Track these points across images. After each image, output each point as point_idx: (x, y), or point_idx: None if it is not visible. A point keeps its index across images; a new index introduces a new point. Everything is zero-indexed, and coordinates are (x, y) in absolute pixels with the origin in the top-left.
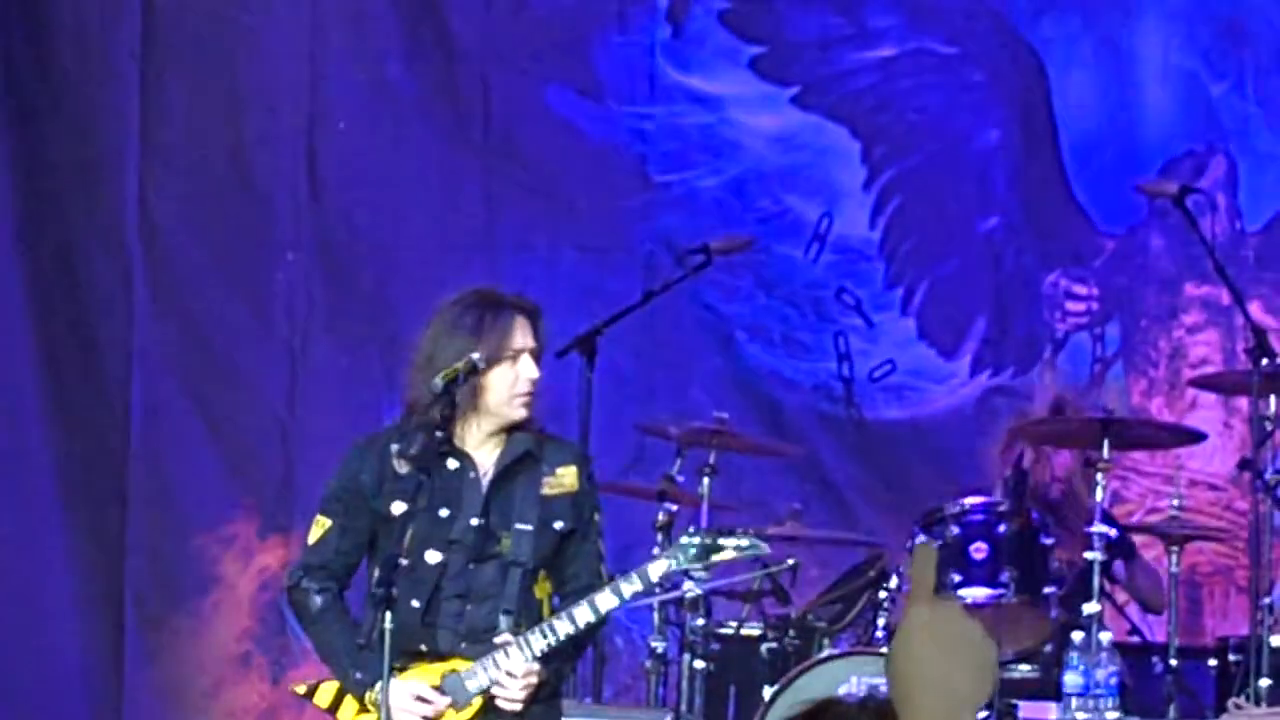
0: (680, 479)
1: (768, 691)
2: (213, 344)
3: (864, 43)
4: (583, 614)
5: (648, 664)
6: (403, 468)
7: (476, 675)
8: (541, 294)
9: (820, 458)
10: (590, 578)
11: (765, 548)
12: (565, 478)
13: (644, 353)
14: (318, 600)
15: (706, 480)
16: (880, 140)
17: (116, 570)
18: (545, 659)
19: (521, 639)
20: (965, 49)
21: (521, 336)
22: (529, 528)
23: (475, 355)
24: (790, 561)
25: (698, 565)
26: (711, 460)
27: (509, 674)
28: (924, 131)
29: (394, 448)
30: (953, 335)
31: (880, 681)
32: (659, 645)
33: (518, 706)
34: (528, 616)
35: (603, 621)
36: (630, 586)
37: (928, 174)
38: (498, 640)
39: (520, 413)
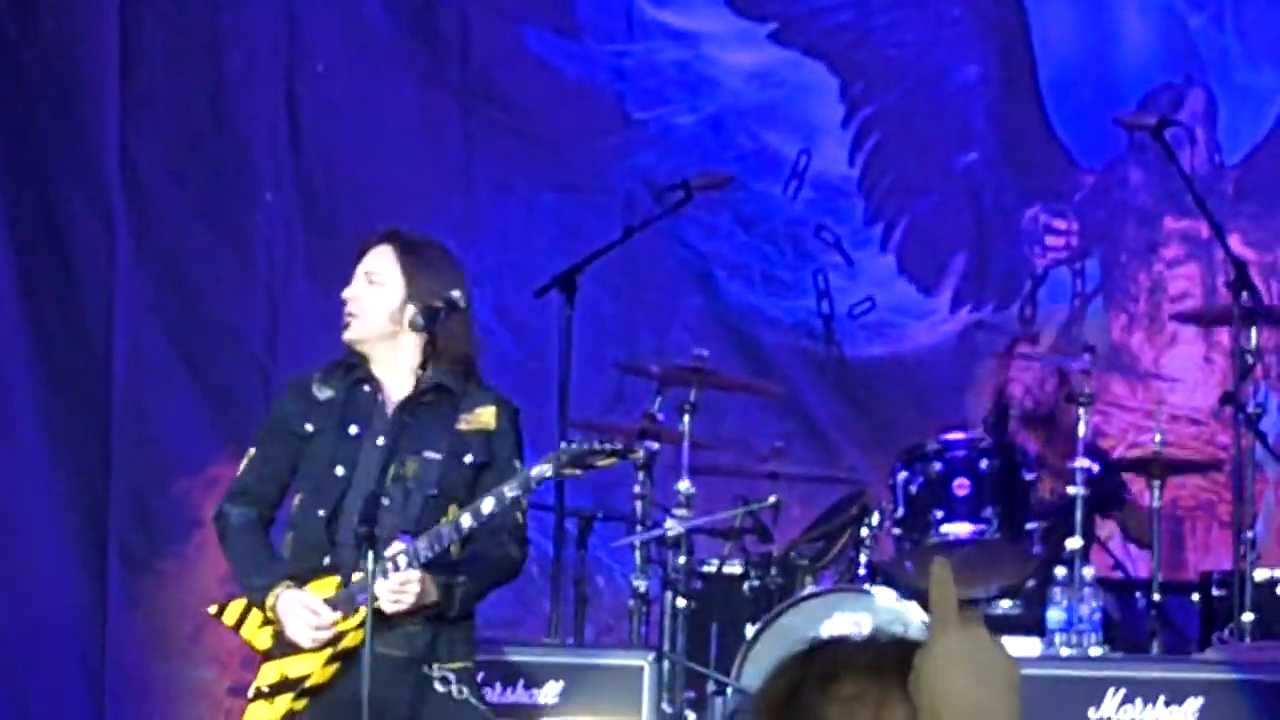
0: (661, 417)
1: (750, 630)
2: (193, 287)
3: None
4: (465, 519)
5: (630, 603)
6: (321, 394)
7: (367, 588)
8: (521, 233)
9: (801, 395)
10: (503, 521)
11: (640, 454)
12: (483, 415)
13: (624, 292)
14: (234, 519)
15: (687, 418)
16: (858, 76)
17: (100, 514)
18: (440, 572)
19: (410, 548)
20: None
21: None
22: (437, 456)
23: (456, 293)
24: (772, 499)
25: (575, 470)
26: (692, 398)
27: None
28: (902, 67)
29: (316, 375)
30: (933, 271)
31: (861, 619)
32: (641, 584)
33: (393, 608)
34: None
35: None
36: (510, 490)
37: (906, 110)
38: (388, 552)
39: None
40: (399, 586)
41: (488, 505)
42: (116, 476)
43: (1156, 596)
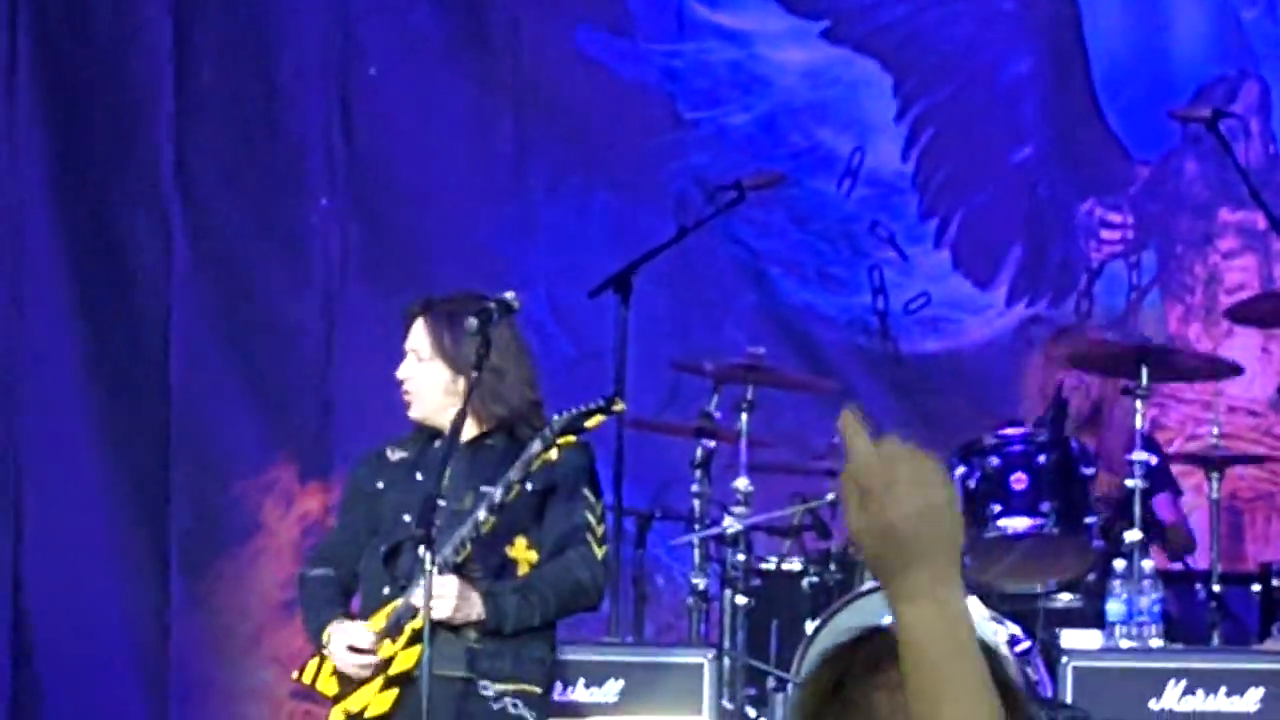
0: (717, 415)
1: (810, 625)
2: (249, 291)
3: None
4: (481, 512)
5: (689, 601)
6: (394, 455)
7: (409, 604)
8: (574, 233)
9: (856, 391)
10: (565, 531)
11: (622, 406)
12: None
13: (678, 291)
14: (310, 576)
15: (744, 416)
16: (911, 73)
17: (160, 518)
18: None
19: (440, 556)
20: None
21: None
22: (495, 490)
23: (510, 294)
24: (830, 496)
25: (569, 437)
26: (749, 395)
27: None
28: (955, 63)
29: (390, 442)
30: (988, 266)
31: None
32: (700, 582)
33: (439, 615)
34: (494, 575)
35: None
36: (513, 474)
37: (959, 105)
38: (425, 567)
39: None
40: (436, 595)
41: (497, 496)
42: (175, 480)
43: (1216, 588)
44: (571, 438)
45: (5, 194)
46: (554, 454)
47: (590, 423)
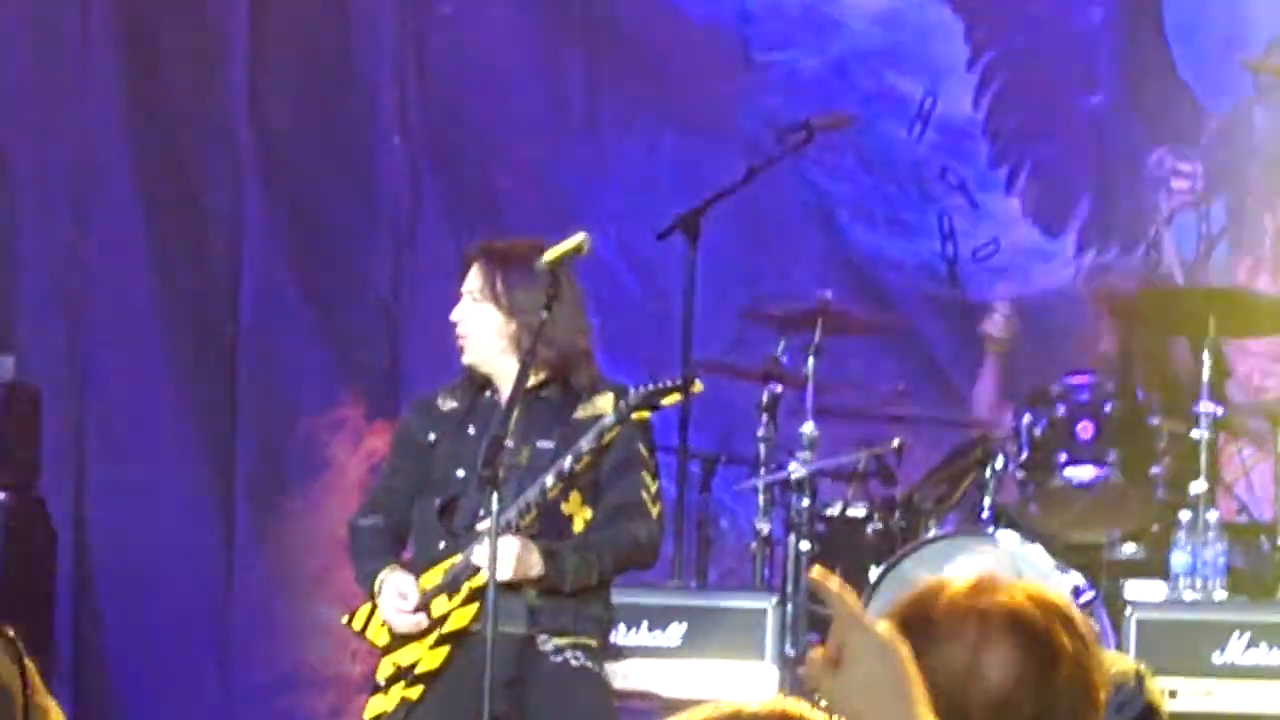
0: (784, 360)
1: (874, 572)
2: (320, 228)
3: None
4: (549, 478)
5: (753, 546)
6: (445, 405)
7: (469, 561)
8: (644, 175)
9: (925, 337)
10: (624, 499)
11: (700, 386)
12: (600, 403)
13: (747, 233)
14: (361, 525)
15: (811, 361)
16: (983, 19)
17: (228, 452)
18: (546, 549)
19: (505, 517)
20: None
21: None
22: (550, 444)
23: (582, 236)
24: (895, 442)
25: (643, 413)
26: (816, 340)
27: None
28: (1027, 9)
29: (441, 390)
30: (1057, 214)
31: (984, 563)
32: (764, 527)
33: (500, 576)
34: (552, 533)
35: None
36: (586, 443)
37: (1031, 52)
38: (480, 527)
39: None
40: (499, 555)
41: (565, 464)
42: (243, 416)
43: None
44: (646, 413)
45: (78, 129)
46: (610, 410)
47: (667, 400)
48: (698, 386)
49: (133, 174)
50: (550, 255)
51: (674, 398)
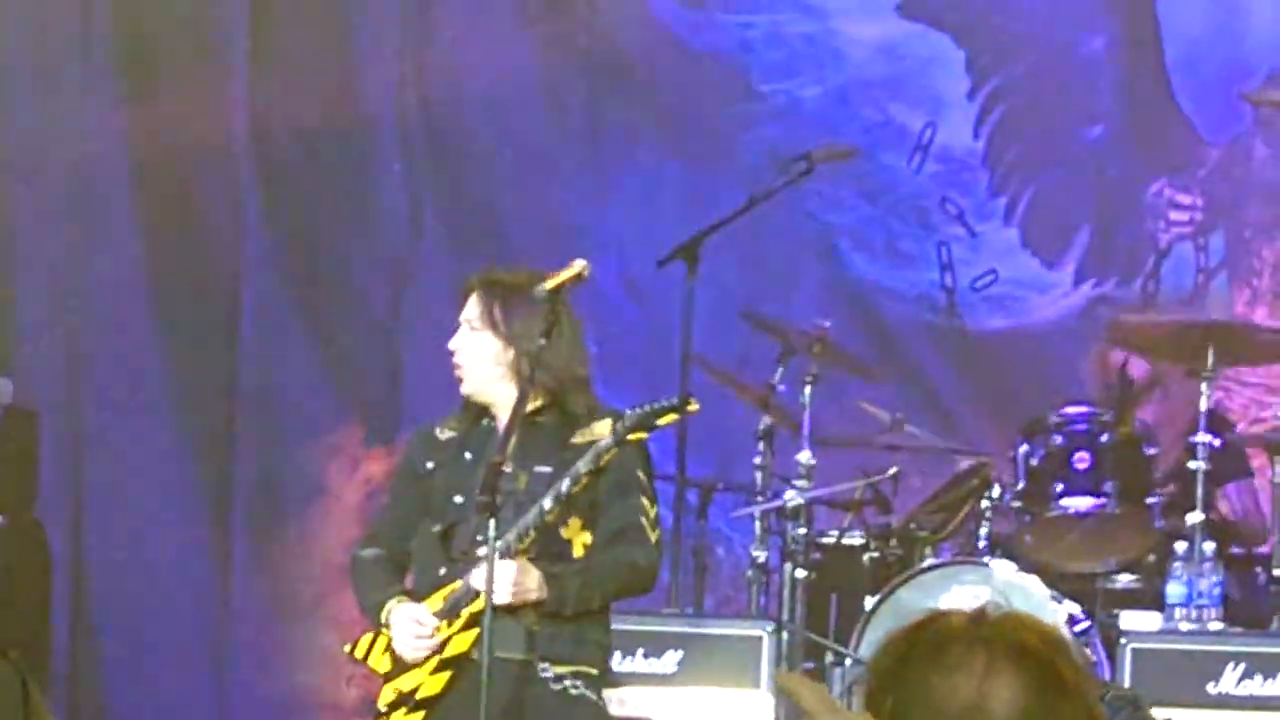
0: (782, 388)
1: (869, 601)
2: (320, 254)
3: None
4: (547, 501)
5: (749, 574)
6: (444, 435)
7: (468, 587)
8: (645, 202)
9: (923, 367)
10: (623, 523)
11: (696, 406)
12: (598, 429)
13: (747, 262)
14: (363, 555)
15: (808, 389)
16: (984, 49)
17: (225, 478)
18: (547, 572)
19: (504, 541)
20: None
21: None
22: (548, 470)
23: (581, 264)
24: (892, 471)
25: (640, 433)
26: (813, 369)
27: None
28: (1028, 40)
29: (440, 420)
30: (1056, 245)
31: (980, 592)
32: (760, 555)
33: (498, 601)
34: (550, 557)
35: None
36: (583, 465)
37: (1031, 83)
38: (479, 552)
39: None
40: (499, 579)
41: (563, 486)
42: (241, 440)
43: (1277, 572)
44: (643, 434)
45: (79, 151)
46: (608, 434)
47: (662, 421)
48: (693, 406)
49: (133, 201)
50: (550, 283)
51: (670, 418)
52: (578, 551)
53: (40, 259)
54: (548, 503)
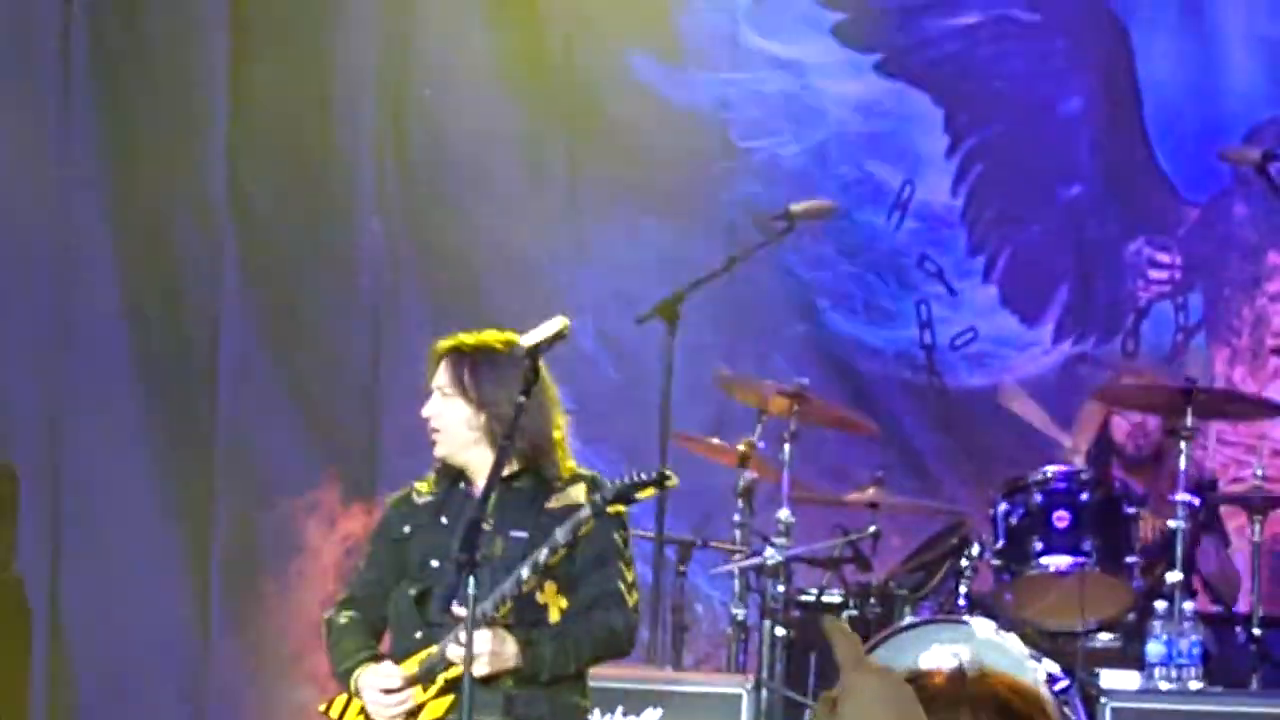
0: (761, 445)
1: None
2: (298, 310)
3: (946, 10)
4: (524, 570)
5: (728, 631)
6: (420, 499)
7: (444, 654)
8: (624, 260)
9: (902, 425)
10: (600, 590)
11: (675, 480)
12: (574, 493)
13: (726, 320)
14: (338, 620)
15: (787, 447)
16: (963, 108)
17: (203, 536)
18: (522, 631)
19: (480, 609)
20: (1047, 16)
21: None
22: (524, 535)
23: (561, 322)
24: (871, 529)
25: (619, 506)
26: (792, 427)
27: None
28: (1006, 99)
29: (417, 483)
30: (1035, 303)
31: (959, 650)
32: (739, 613)
33: (475, 672)
34: (527, 623)
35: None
36: (561, 535)
37: (1010, 142)
38: (457, 611)
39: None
40: (475, 647)
41: (540, 556)
42: (219, 497)
43: (1257, 631)
44: (622, 507)
45: (58, 212)
46: (583, 499)
47: (641, 494)
48: (673, 481)
49: (113, 257)
50: (530, 340)
51: (648, 492)
52: (554, 616)
53: (20, 316)
54: (525, 572)
